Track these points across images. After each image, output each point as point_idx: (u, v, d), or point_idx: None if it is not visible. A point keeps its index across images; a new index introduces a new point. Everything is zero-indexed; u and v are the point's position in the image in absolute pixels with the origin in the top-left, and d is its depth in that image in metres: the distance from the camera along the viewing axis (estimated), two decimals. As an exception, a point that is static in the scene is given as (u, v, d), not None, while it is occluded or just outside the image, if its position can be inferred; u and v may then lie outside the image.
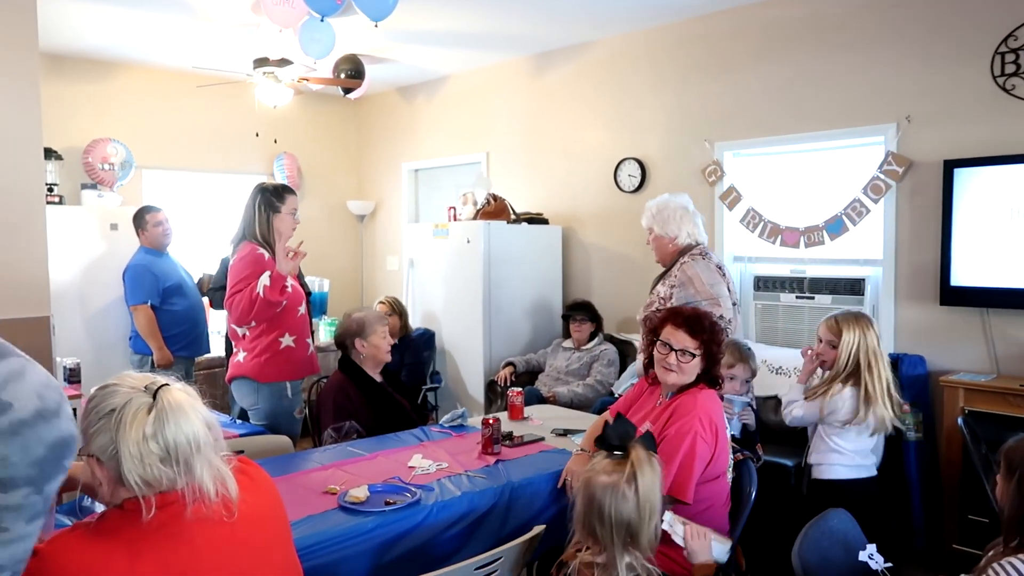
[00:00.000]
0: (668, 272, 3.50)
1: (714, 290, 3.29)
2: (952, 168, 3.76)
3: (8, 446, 1.00)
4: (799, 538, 2.08)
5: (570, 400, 4.49)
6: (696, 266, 3.36)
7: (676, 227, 3.48)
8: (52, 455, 1.04)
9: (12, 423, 1.00)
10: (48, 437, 1.03)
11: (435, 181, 6.96)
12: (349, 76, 5.48)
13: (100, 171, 5.72)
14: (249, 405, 3.53)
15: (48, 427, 1.03)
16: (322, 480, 2.53)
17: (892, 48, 4.05)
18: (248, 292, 3.33)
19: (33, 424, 1.02)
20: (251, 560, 1.52)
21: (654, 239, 3.54)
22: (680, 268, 3.42)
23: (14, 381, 1.02)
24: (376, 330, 3.41)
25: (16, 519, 1.03)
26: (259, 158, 6.77)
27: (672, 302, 3.32)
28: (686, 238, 3.49)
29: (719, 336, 2.58)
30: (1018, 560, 1.75)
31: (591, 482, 1.85)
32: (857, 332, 2.76)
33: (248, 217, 3.49)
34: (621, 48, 5.31)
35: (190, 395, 1.50)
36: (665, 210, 3.50)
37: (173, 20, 4.89)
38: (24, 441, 1.01)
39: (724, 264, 3.52)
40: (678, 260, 3.46)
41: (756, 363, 3.35)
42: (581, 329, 4.90)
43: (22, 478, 1.01)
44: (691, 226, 3.50)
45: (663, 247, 3.52)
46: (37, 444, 1.02)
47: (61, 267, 4.91)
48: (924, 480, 3.82)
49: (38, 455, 1.02)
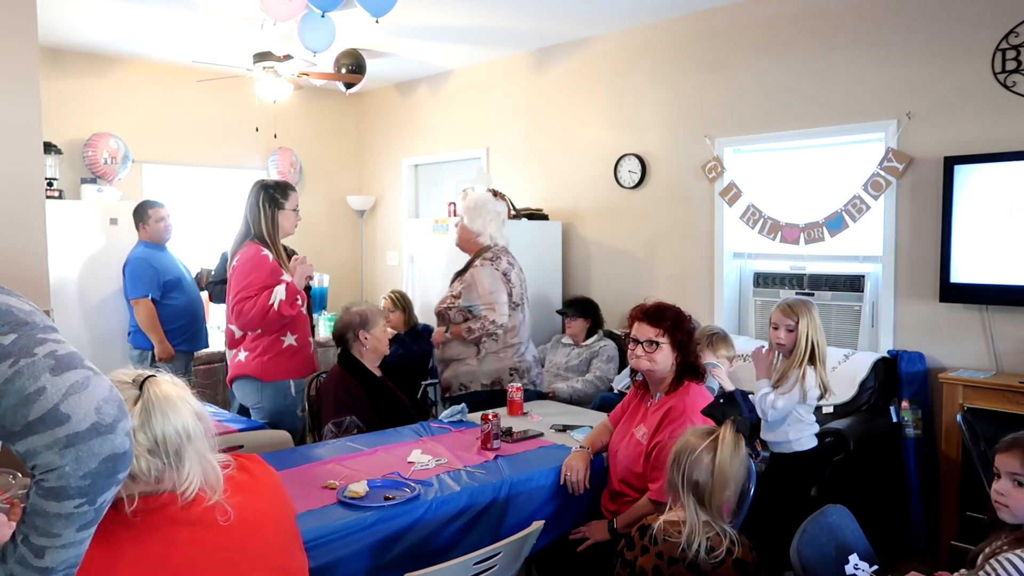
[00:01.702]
0: (465, 270, 3.83)
1: (492, 296, 3.67)
2: (952, 165, 3.75)
3: (63, 457, 1.03)
4: (798, 534, 2.08)
5: (569, 396, 4.49)
6: (483, 272, 3.71)
7: (482, 225, 3.80)
8: (105, 469, 1.07)
9: (68, 435, 1.04)
10: (102, 451, 1.06)
11: (435, 176, 6.95)
12: (350, 71, 5.47)
13: (102, 165, 5.72)
14: (253, 404, 3.52)
15: (102, 441, 1.06)
16: (322, 475, 2.54)
17: (893, 44, 4.04)
18: (261, 301, 3.30)
19: (88, 438, 1.05)
20: (245, 563, 1.50)
21: (461, 227, 3.85)
22: (471, 271, 3.76)
23: (75, 394, 1.05)
24: (378, 323, 3.43)
25: (67, 527, 1.07)
26: (259, 153, 6.77)
27: (460, 302, 3.72)
28: (487, 239, 3.83)
29: (685, 325, 2.67)
30: (1015, 556, 1.76)
31: (682, 441, 2.12)
32: (808, 316, 3.00)
33: (253, 215, 3.46)
34: (621, 44, 5.31)
35: (179, 386, 1.50)
36: (480, 207, 3.81)
37: (173, 14, 4.88)
38: (78, 453, 1.04)
39: (514, 270, 3.83)
40: (476, 259, 3.79)
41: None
42: (572, 325, 4.90)
43: (75, 489, 1.05)
44: (495, 229, 3.85)
45: (466, 237, 3.84)
46: (90, 457, 1.05)
47: (61, 261, 4.91)
48: (923, 477, 3.82)
49: (91, 468, 1.05)
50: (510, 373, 3.78)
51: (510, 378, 3.75)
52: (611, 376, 4.68)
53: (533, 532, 2.19)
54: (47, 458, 1.04)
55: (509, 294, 3.75)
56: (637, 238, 5.27)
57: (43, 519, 1.06)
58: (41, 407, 1.04)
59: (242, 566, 1.50)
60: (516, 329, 3.81)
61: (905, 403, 3.85)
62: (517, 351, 3.82)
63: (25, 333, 1.08)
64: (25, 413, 1.03)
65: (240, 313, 3.34)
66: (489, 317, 3.68)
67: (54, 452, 1.04)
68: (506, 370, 3.77)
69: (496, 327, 3.70)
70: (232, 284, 3.40)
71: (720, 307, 4.78)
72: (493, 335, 3.72)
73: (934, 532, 3.79)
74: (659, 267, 5.14)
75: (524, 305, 3.89)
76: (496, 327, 3.70)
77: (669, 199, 5.06)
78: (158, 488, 1.43)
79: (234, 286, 3.38)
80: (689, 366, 2.67)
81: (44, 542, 1.07)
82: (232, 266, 3.44)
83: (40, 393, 1.04)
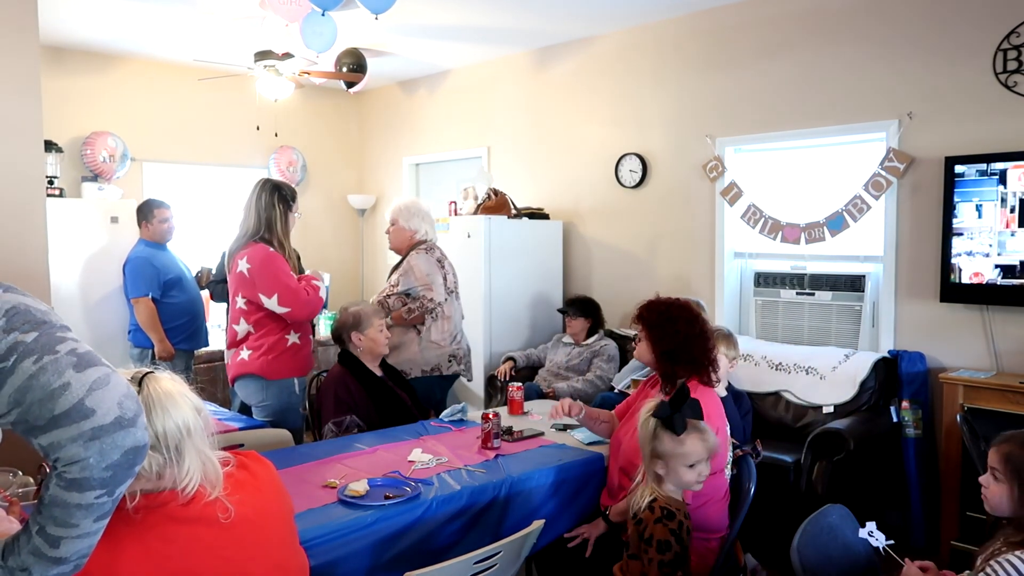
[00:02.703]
0: (399, 264, 4.09)
1: (429, 278, 3.94)
2: (953, 165, 3.75)
3: (88, 449, 1.08)
4: (798, 534, 2.09)
5: (570, 395, 4.48)
6: (419, 258, 3.98)
7: (418, 223, 4.10)
8: (126, 460, 1.12)
9: (93, 428, 1.08)
10: (124, 443, 1.11)
11: (436, 175, 6.95)
12: (351, 70, 5.47)
13: (100, 163, 5.72)
14: (256, 402, 3.51)
15: (124, 434, 1.11)
16: (322, 474, 2.54)
17: (894, 44, 4.04)
18: (318, 289, 3.46)
19: (112, 431, 1.10)
20: (245, 561, 1.51)
21: (396, 229, 4.12)
22: (407, 260, 4.02)
23: (99, 389, 1.10)
24: (373, 323, 3.41)
25: (85, 517, 1.11)
26: (259, 152, 6.77)
27: (398, 288, 3.96)
28: (423, 235, 4.12)
29: (665, 318, 2.68)
30: (1015, 557, 1.76)
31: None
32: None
33: (267, 216, 3.42)
34: (623, 43, 5.30)
35: (177, 383, 1.52)
36: (413, 208, 4.15)
37: (174, 12, 4.88)
38: (102, 446, 1.09)
39: (447, 260, 4.15)
40: (410, 254, 4.04)
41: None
42: (572, 324, 4.90)
43: (97, 480, 1.09)
44: (428, 226, 4.15)
45: (402, 237, 4.11)
46: (113, 449, 1.10)
47: (61, 260, 4.91)
48: (923, 477, 3.82)
49: (113, 460, 1.10)
50: (449, 360, 4.01)
51: (449, 364, 4.00)
52: (611, 376, 4.68)
53: (533, 531, 2.19)
54: (72, 450, 1.08)
55: (444, 278, 4.02)
56: (638, 238, 5.27)
57: (62, 510, 1.10)
58: (67, 402, 1.08)
59: (241, 563, 1.50)
60: (452, 318, 4.06)
61: (905, 403, 3.85)
62: (455, 339, 4.06)
63: (45, 331, 1.13)
64: (51, 408, 1.08)
65: (306, 301, 3.41)
66: (427, 296, 3.91)
67: (79, 444, 1.08)
68: (445, 356, 4.00)
69: (435, 304, 3.93)
70: (266, 282, 3.33)
71: (721, 307, 4.78)
72: (432, 312, 3.93)
73: (934, 532, 3.79)
74: (660, 267, 5.14)
75: (457, 294, 4.16)
76: (435, 304, 3.93)
77: (670, 199, 5.06)
78: (159, 485, 1.44)
79: (272, 282, 3.33)
80: (691, 360, 2.63)
81: (61, 532, 1.10)
82: (248, 268, 3.35)
83: (65, 388, 1.08)
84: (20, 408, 1.09)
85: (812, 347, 4.31)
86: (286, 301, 3.35)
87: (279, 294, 3.34)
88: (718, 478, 2.53)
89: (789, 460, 3.67)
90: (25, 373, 1.08)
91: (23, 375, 1.09)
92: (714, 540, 2.54)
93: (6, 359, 1.09)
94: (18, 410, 1.09)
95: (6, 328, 1.10)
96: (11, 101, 3.37)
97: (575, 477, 2.70)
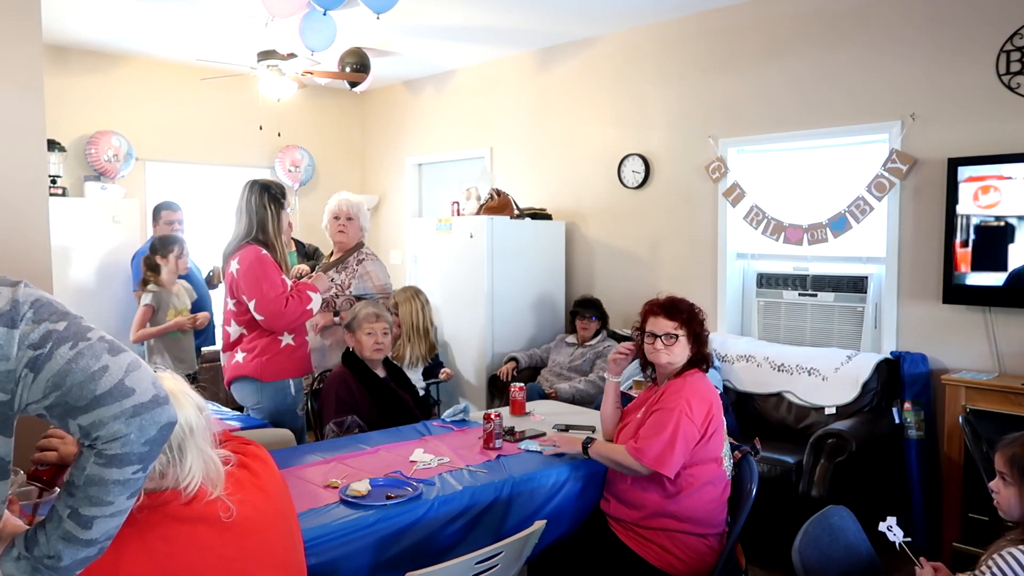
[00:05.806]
0: (343, 262, 4.13)
1: (386, 287, 4.12)
2: (956, 166, 3.75)
3: (129, 426, 1.15)
4: (799, 535, 2.08)
5: (572, 396, 4.49)
6: (375, 264, 4.12)
7: (366, 222, 4.28)
8: (161, 436, 1.19)
9: (135, 406, 1.16)
10: (160, 419, 1.18)
11: (439, 175, 6.96)
12: (354, 70, 5.47)
13: (104, 162, 5.73)
14: (252, 404, 3.48)
15: (161, 411, 1.18)
16: (324, 474, 2.54)
17: (897, 45, 4.04)
18: (303, 301, 3.33)
19: (151, 407, 1.17)
20: (246, 560, 1.51)
21: (354, 225, 4.19)
22: (360, 264, 4.10)
23: (134, 371, 1.18)
24: (362, 327, 3.39)
25: (121, 494, 1.18)
26: (263, 152, 6.78)
27: (350, 291, 4.01)
28: (364, 236, 4.28)
29: (699, 317, 2.72)
30: (1018, 551, 1.76)
31: None
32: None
33: (259, 218, 3.38)
34: (626, 44, 5.30)
35: (179, 382, 1.53)
36: (364, 208, 4.28)
37: (177, 12, 4.89)
38: (142, 422, 1.16)
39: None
40: (353, 253, 4.13)
41: None
42: (588, 327, 4.89)
43: (136, 455, 1.16)
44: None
45: (355, 235, 4.19)
46: (152, 425, 1.17)
47: (64, 259, 4.92)
48: (925, 479, 3.82)
49: (151, 435, 1.17)
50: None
51: None
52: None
53: (535, 532, 2.19)
54: (114, 427, 1.14)
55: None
56: (640, 238, 5.27)
57: (99, 488, 1.15)
58: (108, 382, 1.15)
59: (243, 563, 1.51)
60: None
61: (908, 404, 3.85)
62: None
63: (73, 321, 1.20)
64: (92, 388, 1.14)
65: (281, 313, 3.27)
66: (388, 303, 4.09)
67: (121, 422, 1.14)
68: None
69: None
70: (248, 286, 3.28)
71: (723, 308, 4.78)
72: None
73: (936, 534, 3.78)
74: (662, 267, 5.14)
75: None
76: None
77: (672, 199, 5.06)
78: (162, 484, 1.44)
79: (254, 287, 3.26)
80: (701, 357, 2.69)
81: (95, 512, 1.16)
82: (237, 269, 3.32)
83: (104, 371, 1.15)
84: (59, 391, 1.14)
85: (814, 348, 4.31)
86: (261, 309, 3.26)
87: (256, 301, 3.26)
88: (712, 467, 2.54)
89: (791, 461, 3.67)
90: (64, 358, 1.14)
91: (61, 360, 1.14)
92: (711, 537, 2.54)
93: (42, 346, 1.15)
94: (56, 393, 1.14)
95: (35, 319, 1.16)
96: (14, 100, 3.38)
97: (577, 478, 2.70)
